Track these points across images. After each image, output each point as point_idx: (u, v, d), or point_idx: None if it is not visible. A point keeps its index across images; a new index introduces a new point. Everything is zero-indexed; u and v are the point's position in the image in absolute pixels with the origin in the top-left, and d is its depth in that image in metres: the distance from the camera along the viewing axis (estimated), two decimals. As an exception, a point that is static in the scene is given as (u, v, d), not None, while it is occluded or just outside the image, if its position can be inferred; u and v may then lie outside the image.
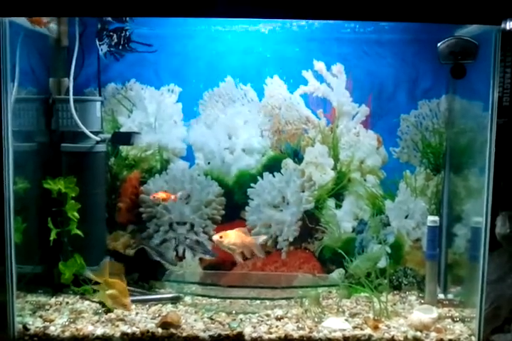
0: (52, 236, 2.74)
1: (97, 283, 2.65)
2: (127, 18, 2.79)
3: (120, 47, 2.84)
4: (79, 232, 2.79)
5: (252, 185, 3.13)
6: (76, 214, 2.79)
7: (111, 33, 2.81)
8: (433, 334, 2.50)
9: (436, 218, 2.89)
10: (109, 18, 2.78)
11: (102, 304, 2.73)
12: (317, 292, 2.80)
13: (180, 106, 3.17)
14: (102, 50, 2.84)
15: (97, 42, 2.83)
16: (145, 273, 3.00)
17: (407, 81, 3.11)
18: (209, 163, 3.16)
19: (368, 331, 2.53)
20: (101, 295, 2.65)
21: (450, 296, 2.95)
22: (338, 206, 3.15)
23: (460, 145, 2.97)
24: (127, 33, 2.84)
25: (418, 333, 2.52)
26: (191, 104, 3.17)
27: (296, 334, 2.49)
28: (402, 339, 2.48)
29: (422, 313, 2.58)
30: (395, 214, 3.11)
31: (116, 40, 2.81)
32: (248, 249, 2.71)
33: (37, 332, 2.49)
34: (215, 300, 2.86)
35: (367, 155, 3.14)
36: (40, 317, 2.64)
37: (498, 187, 2.42)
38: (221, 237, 2.66)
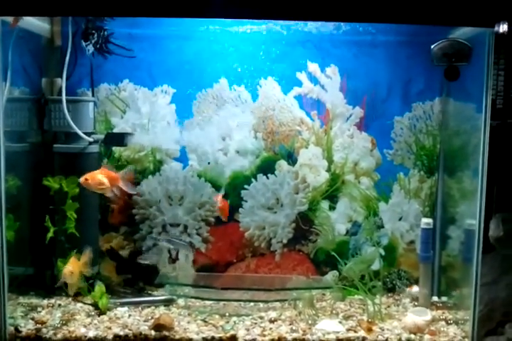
0: (50, 234, 2.73)
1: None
2: (106, 18, 2.77)
3: (98, 46, 2.82)
4: (75, 232, 2.78)
5: (245, 186, 3.12)
6: (74, 214, 2.78)
7: (91, 32, 2.79)
8: (427, 337, 2.51)
9: (430, 220, 2.89)
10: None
11: (95, 306, 2.72)
12: (311, 294, 2.79)
13: (174, 107, 3.16)
14: (88, 50, 2.83)
15: (83, 42, 2.82)
16: (138, 276, 2.99)
17: (400, 83, 3.11)
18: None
19: (361, 333, 2.53)
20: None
21: (444, 299, 2.95)
22: (332, 208, 3.14)
23: (454, 148, 2.97)
24: (105, 33, 2.82)
25: (412, 335, 2.52)
26: (185, 105, 3.16)
27: (289, 337, 2.49)
28: (395, 341, 2.48)
29: (415, 315, 2.58)
30: (388, 216, 3.11)
31: (95, 39, 2.79)
32: (117, 187, 2.66)
33: (29, 334, 2.48)
34: (208, 303, 2.85)
35: (361, 157, 3.14)
36: (32, 319, 2.61)
37: (492, 190, 2.42)
38: (86, 179, 2.59)
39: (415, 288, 2.97)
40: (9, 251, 2.45)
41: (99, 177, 2.61)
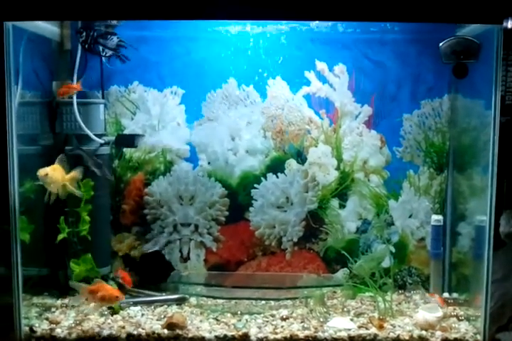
0: (63, 235, 2.77)
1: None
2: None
3: (86, 46, 2.81)
4: (87, 235, 2.82)
5: (255, 185, 3.14)
6: (87, 216, 2.82)
7: (81, 30, 2.78)
8: (438, 333, 2.51)
9: (441, 217, 2.90)
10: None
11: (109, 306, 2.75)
12: (322, 292, 2.80)
13: (184, 108, 3.18)
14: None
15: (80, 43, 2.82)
16: (151, 276, 3.02)
17: (409, 81, 3.11)
18: (209, 163, 3.16)
19: (373, 330, 2.54)
20: None
21: (455, 295, 2.95)
22: (342, 206, 3.15)
23: (463, 144, 2.97)
24: (95, 34, 2.80)
25: (423, 332, 2.52)
26: (194, 106, 3.18)
27: (301, 334, 2.50)
28: (407, 338, 2.48)
29: (427, 312, 2.58)
30: (398, 213, 3.11)
31: (83, 39, 2.78)
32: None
33: (43, 334, 2.51)
34: (220, 301, 2.87)
35: (370, 155, 3.14)
36: (47, 319, 2.65)
37: (502, 186, 2.42)
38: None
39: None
40: (24, 253, 2.49)
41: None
